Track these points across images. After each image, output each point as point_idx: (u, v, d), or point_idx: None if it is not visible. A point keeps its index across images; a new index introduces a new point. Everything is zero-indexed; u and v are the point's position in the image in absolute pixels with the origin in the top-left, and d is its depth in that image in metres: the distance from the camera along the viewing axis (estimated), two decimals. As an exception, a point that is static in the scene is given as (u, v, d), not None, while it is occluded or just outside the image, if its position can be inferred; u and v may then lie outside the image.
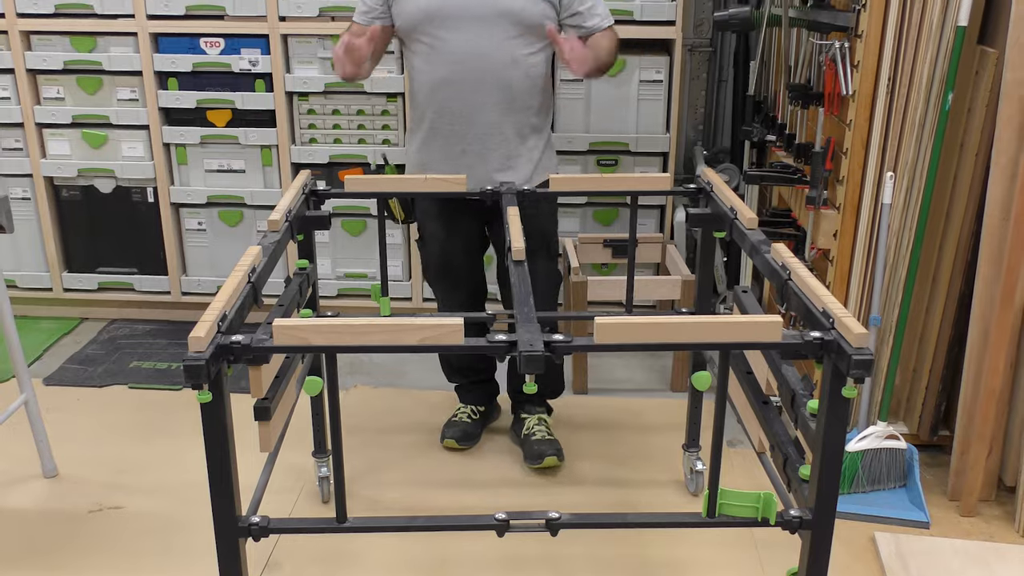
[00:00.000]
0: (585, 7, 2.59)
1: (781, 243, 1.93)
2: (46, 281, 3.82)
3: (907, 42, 2.47)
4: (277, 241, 2.06)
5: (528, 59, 2.58)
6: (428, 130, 2.66)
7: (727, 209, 2.26)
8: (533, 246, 2.17)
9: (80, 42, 3.53)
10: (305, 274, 2.35)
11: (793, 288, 1.77)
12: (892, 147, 2.55)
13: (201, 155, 3.64)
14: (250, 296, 1.79)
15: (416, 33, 2.58)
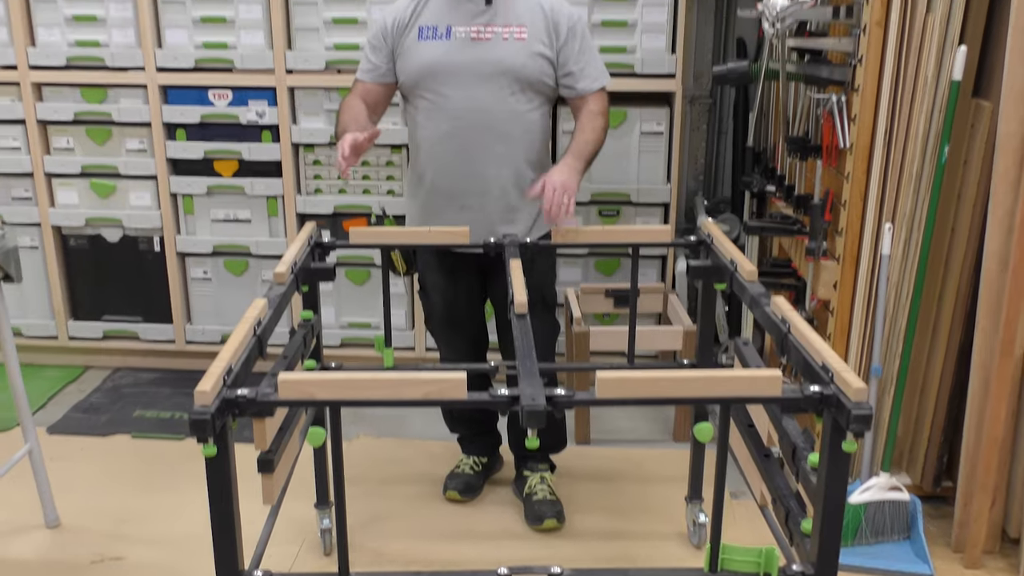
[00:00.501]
0: (579, 67, 2.63)
1: (780, 296, 1.95)
2: (51, 329, 3.85)
3: (903, 96, 2.51)
4: (283, 293, 2.08)
5: (528, 115, 2.62)
6: (429, 184, 2.69)
7: (727, 261, 2.28)
8: (529, 298, 2.20)
9: (91, 93, 3.59)
10: (309, 325, 2.37)
11: (793, 342, 1.79)
12: (890, 199, 2.58)
13: (208, 205, 3.68)
14: (255, 349, 1.81)
15: (418, 89, 2.63)
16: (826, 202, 2.70)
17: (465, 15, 2.59)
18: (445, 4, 2.62)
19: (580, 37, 2.65)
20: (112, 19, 3.52)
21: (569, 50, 2.62)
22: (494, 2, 2.60)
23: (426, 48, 2.60)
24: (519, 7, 2.61)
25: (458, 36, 2.58)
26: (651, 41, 3.40)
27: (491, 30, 2.58)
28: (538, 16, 2.61)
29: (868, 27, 2.47)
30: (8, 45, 3.56)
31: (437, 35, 2.60)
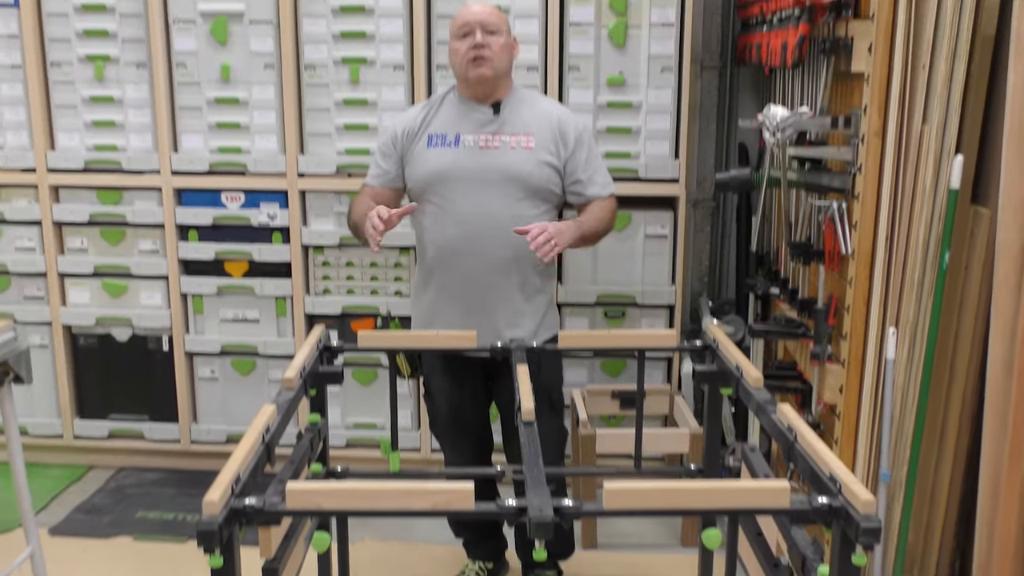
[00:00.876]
0: (586, 175, 2.71)
1: (786, 404, 1.96)
2: (57, 428, 3.85)
3: (902, 203, 2.56)
4: (291, 399, 2.10)
5: (534, 220, 2.66)
6: (436, 287, 2.73)
7: (733, 367, 2.30)
8: (536, 401, 2.20)
9: (107, 196, 3.67)
10: (316, 429, 2.37)
11: (800, 450, 1.80)
12: (893, 304, 2.60)
13: (217, 305, 3.72)
14: (264, 456, 1.82)
15: (426, 194, 2.69)
16: (830, 307, 2.73)
17: (474, 124, 2.68)
18: (454, 113, 2.71)
19: (587, 147, 2.73)
20: (131, 124, 3.63)
21: (576, 159, 2.71)
22: (502, 112, 2.69)
23: (435, 155, 2.68)
24: (527, 116, 2.70)
25: (466, 144, 2.67)
26: (655, 147, 3.49)
27: (499, 139, 2.67)
28: (545, 125, 2.69)
29: (866, 137, 2.53)
30: (28, 149, 3.66)
31: (446, 143, 2.68)
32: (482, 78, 2.65)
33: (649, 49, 3.43)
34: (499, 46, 2.65)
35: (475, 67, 2.63)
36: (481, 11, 2.68)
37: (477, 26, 2.63)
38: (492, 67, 2.64)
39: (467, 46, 2.64)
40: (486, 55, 2.62)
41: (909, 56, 2.48)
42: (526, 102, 2.76)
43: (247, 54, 3.53)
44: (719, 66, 3.88)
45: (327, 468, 2.50)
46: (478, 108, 2.71)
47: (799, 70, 2.93)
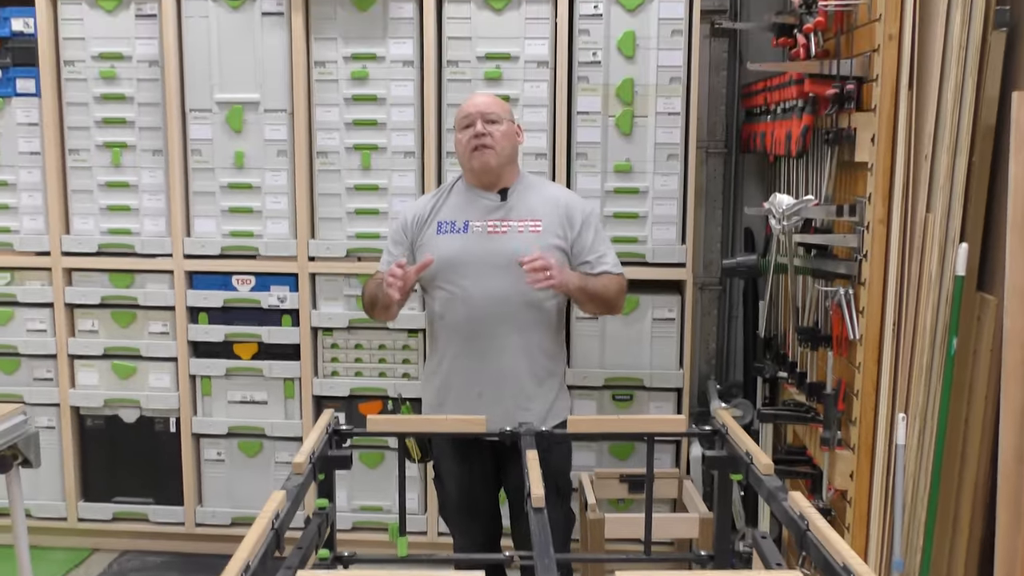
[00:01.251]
0: (595, 256, 2.75)
1: (798, 491, 1.96)
2: (61, 511, 3.82)
3: (909, 289, 2.58)
4: (300, 484, 2.10)
5: (543, 304, 2.70)
6: (447, 372, 2.75)
7: (743, 453, 2.30)
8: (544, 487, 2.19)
9: (118, 278, 3.71)
10: (324, 514, 2.36)
11: (812, 539, 1.79)
12: (902, 389, 2.60)
13: (225, 386, 3.73)
14: (273, 543, 1.83)
15: (437, 280, 2.73)
16: (839, 392, 2.73)
17: (482, 210, 2.74)
18: (463, 201, 2.78)
19: (594, 229, 2.78)
20: (145, 208, 3.69)
21: (583, 241, 2.75)
22: (509, 198, 2.73)
23: (444, 241, 2.73)
24: (533, 201, 2.76)
25: (475, 230, 2.72)
26: (662, 232, 3.53)
27: (507, 224, 2.72)
28: (552, 210, 2.74)
29: (872, 225, 2.57)
30: (43, 233, 3.72)
31: (455, 229, 2.74)
32: (485, 166, 2.72)
33: (655, 137, 3.49)
34: (500, 134, 2.72)
35: (477, 156, 2.70)
36: (482, 102, 2.76)
37: (478, 116, 2.71)
38: (494, 155, 2.70)
39: (469, 136, 2.71)
40: (487, 143, 2.69)
41: (911, 146, 2.53)
42: (533, 188, 2.82)
43: (261, 141, 3.61)
44: (724, 153, 3.96)
45: (334, 553, 2.47)
46: (485, 195, 2.77)
47: (803, 159, 2.99)
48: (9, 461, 2.54)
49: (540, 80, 3.49)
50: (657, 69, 3.46)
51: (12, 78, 3.67)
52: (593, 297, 2.73)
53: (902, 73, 2.52)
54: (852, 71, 2.64)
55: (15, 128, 3.69)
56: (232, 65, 3.58)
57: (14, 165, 3.72)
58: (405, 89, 3.54)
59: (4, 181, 3.73)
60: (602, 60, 3.47)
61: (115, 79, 3.64)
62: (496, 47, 3.49)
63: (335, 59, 3.55)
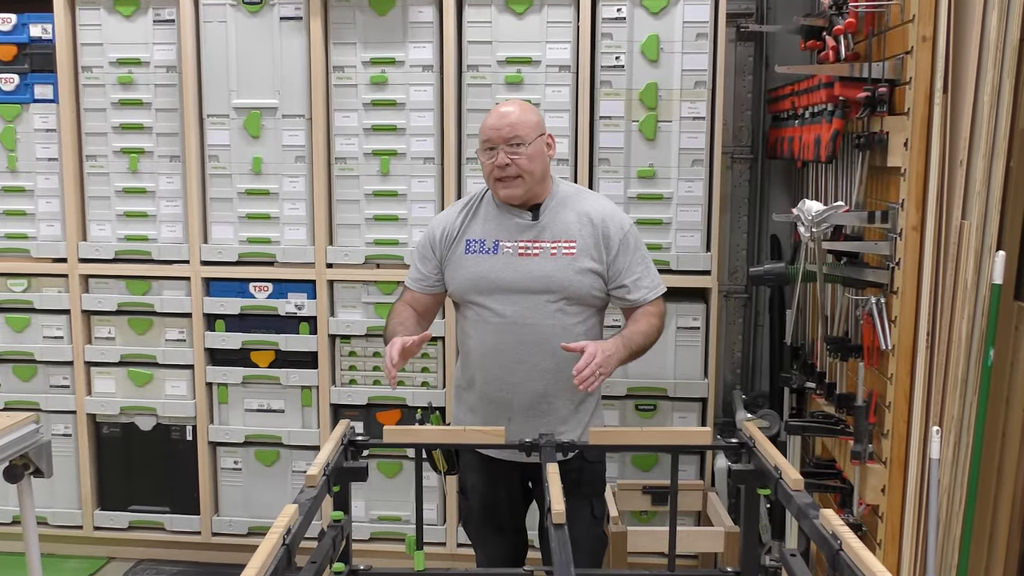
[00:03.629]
0: (632, 279, 2.58)
1: (830, 509, 1.89)
2: (77, 519, 3.80)
3: (943, 299, 2.50)
4: (314, 498, 2.05)
5: (576, 328, 2.56)
6: (478, 394, 2.64)
7: (771, 467, 2.23)
8: (576, 506, 2.12)
9: (135, 285, 3.69)
10: (339, 527, 2.30)
11: (845, 560, 1.73)
12: (936, 401, 2.52)
13: (242, 394, 3.69)
14: (284, 559, 1.77)
15: (467, 300, 2.61)
16: (870, 404, 2.65)
17: (512, 230, 2.56)
18: (493, 218, 2.59)
19: (632, 249, 2.59)
20: (162, 215, 3.66)
21: (619, 264, 2.56)
22: (541, 216, 2.56)
23: (472, 262, 2.57)
24: (567, 219, 2.56)
25: (505, 251, 2.55)
26: (686, 239, 3.46)
27: (538, 246, 2.54)
28: (587, 229, 2.55)
29: (904, 232, 2.50)
30: (60, 240, 3.69)
31: (484, 249, 2.57)
32: (510, 198, 2.54)
33: (679, 142, 3.43)
34: (527, 159, 2.49)
35: (501, 188, 2.52)
36: (503, 124, 2.49)
37: (500, 143, 2.48)
38: (521, 184, 2.50)
39: (491, 163, 2.50)
40: (511, 174, 2.49)
41: (946, 151, 2.46)
42: (567, 203, 2.59)
43: (279, 147, 3.57)
44: (750, 159, 3.89)
45: (350, 567, 2.42)
46: (516, 213, 2.58)
47: (833, 164, 2.91)
48: (20, 471, 2.50)
49: (562, 85, 3.44)
50: (682, 73, 3.40)
51: (30, 84, 3.65)
52: (640, 352, 2.57)
53: (936, 76, 2.45)
54: (884, 74, 2.56)
55: (33, 134, 3.68)
56: (250, 70, 3.54)
57: (31, 171, 3.70)
58: (425, 94, 3.50)
59: (21, 187, 3.71)
60: (625, 64, 3.41)
61: (132, 85, 3.61)
62: (517, 51, 3.44)
63: (354, 64, 3.51)
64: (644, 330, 2.57)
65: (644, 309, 2.60)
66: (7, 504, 3.79)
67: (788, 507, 2.11)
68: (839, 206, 2.64)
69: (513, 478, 2.70)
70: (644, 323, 2.58)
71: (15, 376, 3.78)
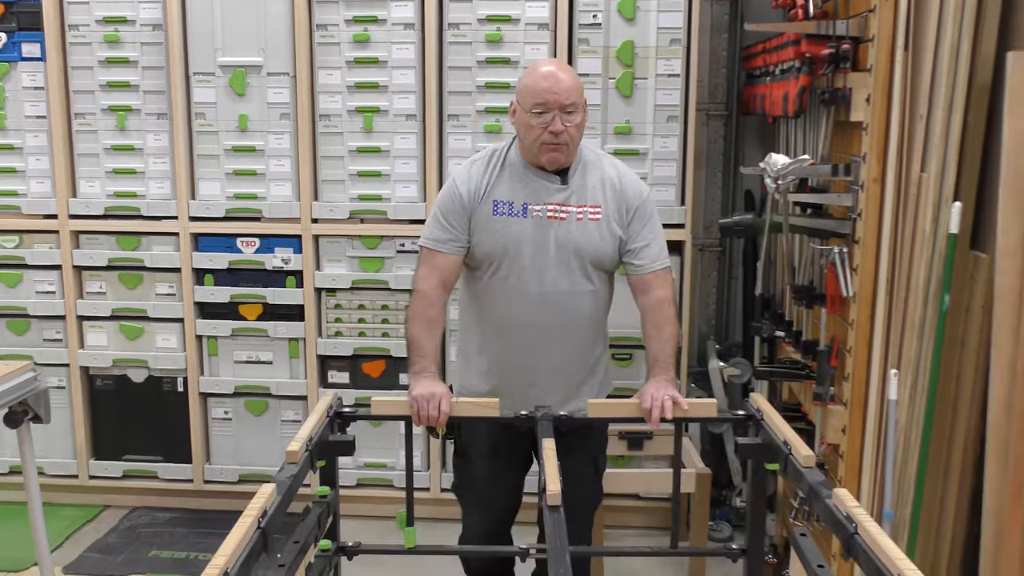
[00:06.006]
0: (639, 244, 2.55)
1: (845, 490, 1.84)
2: (72, 468, 3.92)
3: (902, 248, 2.61)
4: (295, 475, 1.97)
5: (596, 292, 2.58)
6: (495, 359, 2.60)
7: (780, 442, 2.16)
8: (581, 464, 2.19)
9: (125, 241, 3.77)
10: (325, 503, 2.23)
11: (861, 544, 1.66)
12: (894, 345, 2.64)
13: (231, 347, 3.80)
14: (259, 544, 1.72)
15: (487, 262, 2.53)
16: (832, 348, 2.78)
17: (540, 192, 2.50)
18: (520, 179, 2.52)
19: (647, 218, 2.57)
20: (150, 172, 3.74)
21: (633, 229, 2.55)
22: (570, 181, 2.52)
23: (501, 225, 2.50)
24: (593, 184, 2.54)
25: (534, 214, 2.49)
26: (661, 194, 3.57)
27: (566, 209, 2.50)
28: (611, 194, 2.54)
29: (866, 184, 2.60)
30: (51, 196, 3.77)
31: (513, 212, 2.50)
32: (555, 163, 2.48)
33: (655, 99, 3.53)
34: (576, 126, 2.44)
35: (548, 152, 2.44)
36: (561, 89, 2.41)
37: (556, 108, 2.39)
38: (566, 151, 2.46)
39: (542, 127, 2.41)
40: (563, 141, 2.42)
41: (907, 106, 2.56)
42: (591, 167, 2.56)
43: (264, 105, 3.65)
44: (725, 115, 3.98)
45: (337, 543, 2.38)
46: (544, 176, 2.51)
47: (800, 119, 3.02)
48: (20, 416, 2.61)
49: (540, 43, 3.52)
50: (657, 31, 3.49)
51: (17, 42, 3.70)
52: (677, 353, 2.60)
53: (898, 33, 2.54)
54: (848, 31, 2.66)
55: (21, 92, 3.74)
56: (235, 28, 3.60)
57: (20, 129, 3.76)
58: (407, 52, 3.57)
59: (11, 145, 3.78)
60: (602, 22, 3.49)
61: (119, 43, 3.67)
62: (497, 10, 3.51)
63: (337, 22, 3.58)
64: (668, 337, 2.56)
65: (656, 300, 2.57)
66: (3, 455, 3.91)
67: (798, 486, 2.03)
68: (804, 159, 2.75)
69: (519, 443, 2.62)
70: (668, 331, 2.57)
71: (9, 331, 3.87)
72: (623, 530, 3.68)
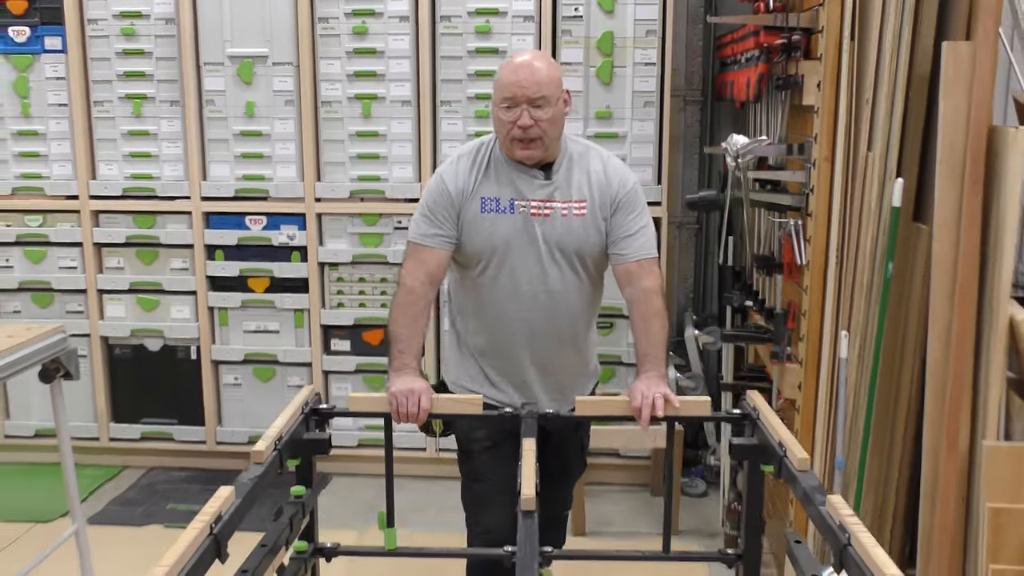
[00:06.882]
0: (624, 235, 2.48)
1: (838, 496, 1.76)
2: (94, 431, 4.20)
3: (851, 220, 2.85)
4: (258, 476, 1.82)
5: (587, 287, 2.54)
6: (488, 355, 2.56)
7: (775, 443, 2.08)
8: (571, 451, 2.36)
9: (142, 220, 4.05)
10: (300, 504, 2.09)
11: (854, 557, 1.57)
12: (844, 309, 2.88)
13: (241, 317, 4.08)
14: (211, 551, 1.59)
15: (476, 259, 2.48)
16: (788, 312, 3.04)
17: (525, 188, 2.44)
18: (505, 175, 2.45)
19: (631, 208, 2.50)
20: (164, 155, 4.01)
21: (617, 219, 2.47)
22: (554, 176, 2.45)
23: (490, 222, 2.44)
24: (578, 178, 2.47)
25: (520, 210, 2.43)
26: (640, 174, 3.74)
27: (551, 205, 2.43)
28: (596, 188, 2.47)
29: (818, 162, 2.85)
30: (72, 179, 4.05)
31: (500, 208, 2.44)
32: (528, 159, 2.41)
33: (633, 86, 3.79)
34: (548, 120, 2.34)
35: (519, 149, 2.38)
36: (530, 82, 2.32)
37: (523, 102, 2.32)
38: (540, 146, 2.38)
39: (510, 121, 2.34)
40: (533, 136, 2.34)
41: (854, 91, 2.80)
42: (577, 161, 2.49)
43: (270, 92, 3.92)
44: (701, 101, 4.24)
45: (314, 545, 2.27)
46: (528, 171, 2.44)
47: (761, 104, 3.28)
48: (52, 373, 2.87)
49: (526, 34, 3.78)
50: (634, 22, 3.75)
51: (40, 36, 3.98)
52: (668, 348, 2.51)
53: (845, 25, 2.78)
54: (799, 23, 2.91)
55: (44, 82, 4.01)
56: (242, 21, 3.87)
57: (44, 116, 4.04)
58: (402, 43, 3.84)
59: (35, 131, 4.05)
60: (583, 14, 3.75)
61: (135, 36, 3.94)
62: (485, 3, 3.77)
63: (337, 15, 3.84)
64: (657, 330, 2.45)
65: (644, 291, 2.47)
66: (30, 419, 4.19)
67: (793, 489, 1.96)
68: (762, 140, 3.00)
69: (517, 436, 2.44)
70: (656, 324, 2.46)
71: (34, 303, 4.15)
72: (603, 487, 3.95)
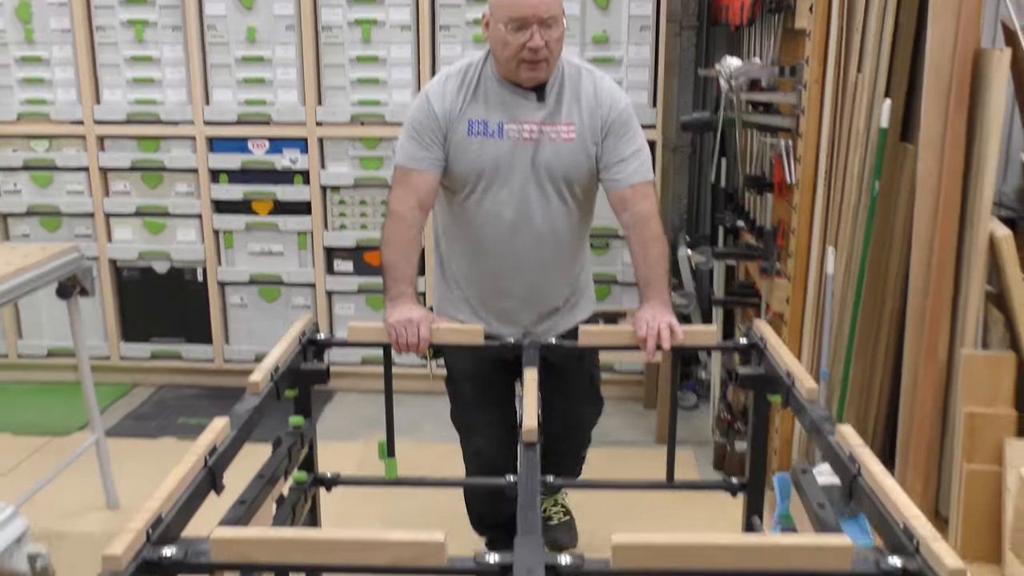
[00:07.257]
0: (616, 159, 2.42)
1: (848, 427, 1.71)
2: (104, 350, 4.32)
3: (839, 140, 2.95)
4: (254, 407, 1.81)
5: (576, 212, 2.50)
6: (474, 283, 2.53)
7: (783, 373, 2.03)
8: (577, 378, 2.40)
9: (146, 144, 4.12)
10: (299, 434, 2.08)
11: (864, 488, 1.52)
12: (832, 226, 3.00)
13: (245, 239, 4.18)
14: (205, 484, 1.56)
15: (467, 187, 2.42)
16: (778, 229, 3.15)
17: (516, 111, 2.38)
18: (495, 97, 2.38)
19: (622, 130, 2.44)
20: (167, 81, 4.06)
21: (608, 144, 2.41)
22: (546, 98, 2.38)
23: (477, 145, 2.38)
24: (569, 99, 2.40)
25: (510, 135, 2.37)
26: (635, 96, 3.88)
27: (542, 129, 2.37)
28: (586, 109, 2.41)
29: (808, 84, 2.94)
30: (76, 104, 4.10)
31: (488, 132, 2.38)
32: (535, 80, 2.34)
33: (629, 10, 3.85)
34: (556, 40, 2.29)
35: (529, 70, 2.30)
36: (540, 1, 2.23)
37: (535, 22, 2.23)
38: (546, 68, 2.32)
39: (520, 43, 2.24)
40: (543, 56, 2.27)
41: (845, 13, 2.87)
42: (568, 84, 2.41)
43: (271, 17, 3.96)
44: (697, 26, 4.29)
45: (314, 475, 2.27)
46: (521, 93, 2.37)
47: (756, 28, 3.34)
48: (69, 289, 2.99)
49: (524, -44, 3.81)
50: (631, -54, 3.79)
51: (41, -41, 3.99)
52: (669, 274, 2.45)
53: (837, -54, 2.85)
54: (794, -54, 2.97)
55: (46, 7, 4.03)
56: (242, -56, 3.89)
57: (47, 42, 4.07)
58: (401, -33, 3.87)
59: (39, 56, 4.09)
60: (581, -62, 3.78)
61: (135, -41, 3.96)
62: (484, -74, 3.80)
63: (337, -61, 3.87)
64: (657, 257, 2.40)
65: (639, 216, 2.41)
66: (42, 339, 4.32)
67: (800, 419, 1.92)
68: (755, 63, 3.08)
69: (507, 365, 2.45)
70: (655, 250, 2.40)
71: (42, 227, 4.24)
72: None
